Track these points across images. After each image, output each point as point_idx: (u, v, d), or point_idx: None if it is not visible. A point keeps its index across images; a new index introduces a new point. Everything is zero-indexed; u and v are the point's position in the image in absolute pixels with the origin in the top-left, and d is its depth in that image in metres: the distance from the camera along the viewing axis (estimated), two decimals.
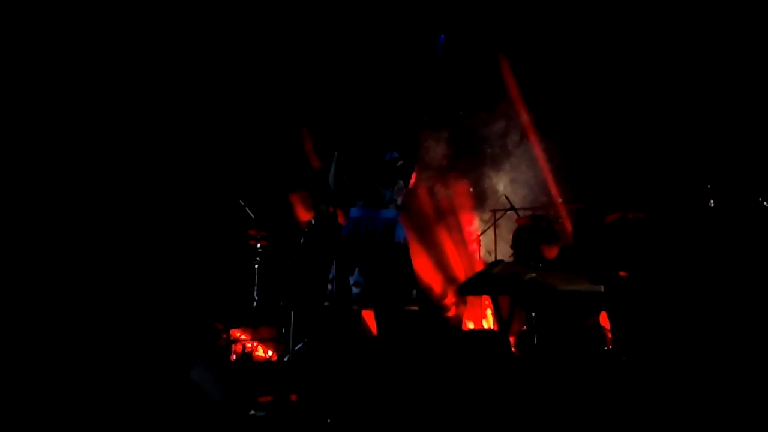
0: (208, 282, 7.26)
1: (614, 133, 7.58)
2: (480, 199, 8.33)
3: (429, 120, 8.67)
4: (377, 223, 4.25)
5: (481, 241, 7.72)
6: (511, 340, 5.99)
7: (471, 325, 7.39)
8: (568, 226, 7.55)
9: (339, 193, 4.37)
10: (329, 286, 4.24)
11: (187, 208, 7.64)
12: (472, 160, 8.43)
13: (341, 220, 4.46)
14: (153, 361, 4.55)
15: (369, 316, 4.76)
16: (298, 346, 6.26)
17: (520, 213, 7.13)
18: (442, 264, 8.04)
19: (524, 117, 8.18)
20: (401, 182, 4.33)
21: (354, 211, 4.32)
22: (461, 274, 7.89)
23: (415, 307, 4.23)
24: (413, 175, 4.41)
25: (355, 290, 4.14)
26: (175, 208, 7.53)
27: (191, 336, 6.54)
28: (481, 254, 7.66)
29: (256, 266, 6.99)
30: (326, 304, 4.23)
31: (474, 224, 8.27)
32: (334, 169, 4.35)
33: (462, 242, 8.18)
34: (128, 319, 6.16)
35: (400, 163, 4.32)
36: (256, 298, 6.92)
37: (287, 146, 8.50)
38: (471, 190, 8.39)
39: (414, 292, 4.23)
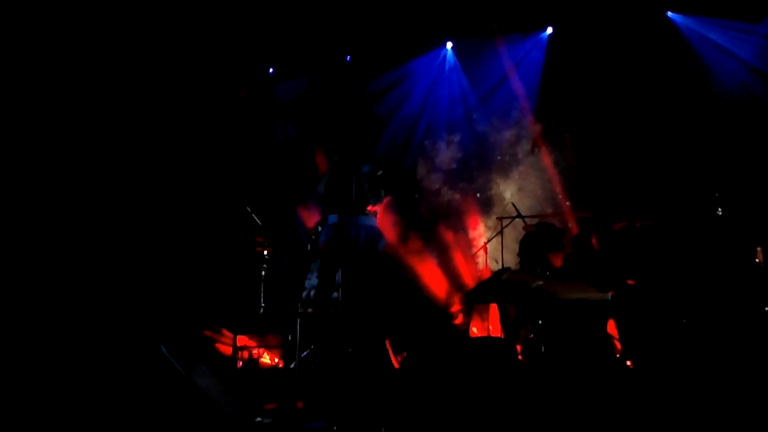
0: (215, 288, 7.28)
1: (622, 141, 7.56)
2: (486, 206, 8.32)
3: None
4: (359, 230, 4.31)
5: (488, 248, 7.69)
6: (518, 348, 5.96)
7: (477, 333, 7.37)
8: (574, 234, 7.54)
9: (327, 200, 4.43)
10: (335, 294, 4.28)
11: (194, 215, 7.67)
12: (480, 165, 8.43)
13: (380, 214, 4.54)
14: (159, 368, 4.56)
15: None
16: (305, 353, 6.25)
17: (527, 221, 7.11)
18: (448, 270, 8.03)
19: (535, 127, 8.19)
20: (382, 192, 4.40)
21: (332, 218, 4.39)
22: (467, 280, 7.87)
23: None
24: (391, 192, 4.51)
25: (334, 295, 4.21)
26: (182, 214, 7.56)
27: (198, 342, 6.55)
28: (488, 262, 7.64)
29: (263, 273, 7.00)
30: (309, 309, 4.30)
31: (478, 230, 8.25)
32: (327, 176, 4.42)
33: (467, 249, 8.16)
34: (135, 325, 6.18)
35: (379, 173, 4.40)
36: (263, 304, 6.92)
37: (294, 154, 8.57)
38: (478, 195, 8.38)
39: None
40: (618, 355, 5.79)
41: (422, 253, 8.05)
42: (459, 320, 7.59)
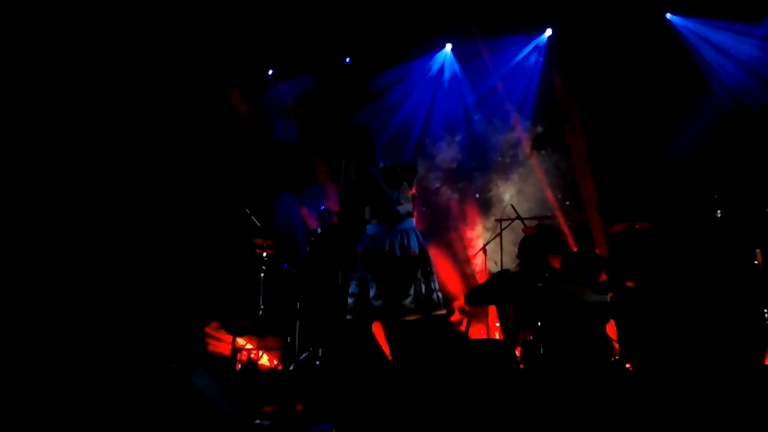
0: (214, 290, 7.28)
1: (621, 143, 7.56)
2: (485, 207, 8.30)
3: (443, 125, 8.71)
4: (393, 236, 4.24)
5: (486, 251, 7.68)
6: (517, 350, 5.96)
7: (477, 335, 7.36)
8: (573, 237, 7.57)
9: (347, 200, 4.36)
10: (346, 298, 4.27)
11: (193, 216, 7.67)
12: (480, 167, 8.42)
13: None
14: (158, 370, 4.55)
15: (378, 332, 4.75)
16: (303, 355, 6.25)
17: (526, 223, 7.11)
18: (448, 271, 8.01)
19: (532, 129, 8.20)
20: (405, 184, 4.34)
21: (370, 228, 4.33)
22: (466, 282, 7.86)
23: (443, 311, 4.24)
24: (414, 183, 4.45)
25: (375, 303, 4.15)
26: (182, 216, 7.56)
27: (196, 344, 6.54)
28: (486, 264, 7.63)
29: (262, 274, 6.99)
30: (348, 317, 4.24)
31: (476, 231, 8.25)
32: (343, 177, 4.34)
33: (465, 250, 8.16)
34: (134, 327, 6.17)
35: (399, 170, 4.35)
36: (262, 306, 6.92)
37: (293, 154, 8.58)
38: (477, 196, 8.37)
39: (437, 296, 4.22)
40: (617, 357, 5.79)
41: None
42: (458, 323, 7.58)
